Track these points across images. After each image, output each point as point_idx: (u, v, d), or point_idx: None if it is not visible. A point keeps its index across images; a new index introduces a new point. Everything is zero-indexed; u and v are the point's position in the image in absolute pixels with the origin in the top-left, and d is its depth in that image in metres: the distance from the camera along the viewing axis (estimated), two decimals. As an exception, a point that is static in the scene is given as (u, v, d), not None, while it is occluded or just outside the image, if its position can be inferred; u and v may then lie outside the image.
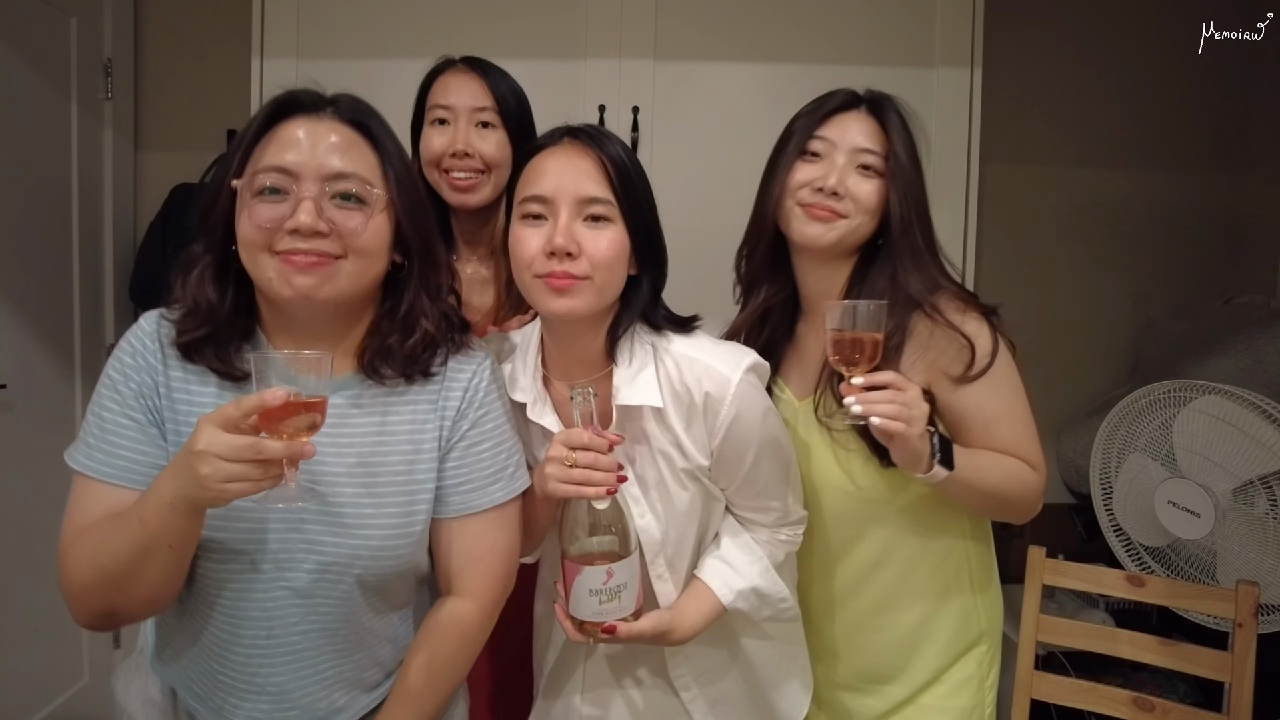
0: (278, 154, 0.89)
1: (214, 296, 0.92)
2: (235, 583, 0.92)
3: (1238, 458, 1.66)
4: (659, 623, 1.04)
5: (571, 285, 0.97)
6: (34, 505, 2.02)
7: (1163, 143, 2.54)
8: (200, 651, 0.96)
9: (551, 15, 2.07)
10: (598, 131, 1.03)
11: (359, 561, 0.94)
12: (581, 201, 0.98)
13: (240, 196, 0.90)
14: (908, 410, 1.01)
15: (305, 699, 0.96)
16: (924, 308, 1.13)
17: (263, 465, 0.78)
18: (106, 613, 0.89)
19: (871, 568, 1.23)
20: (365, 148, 0.94)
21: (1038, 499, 1.17)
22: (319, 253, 0.88)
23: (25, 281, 1.99)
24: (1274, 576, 1.62)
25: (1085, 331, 2.56)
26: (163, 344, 0.93)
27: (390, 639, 1.02)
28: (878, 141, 1.16)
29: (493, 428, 1.02)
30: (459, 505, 1.00)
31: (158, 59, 2.38)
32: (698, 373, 1.03)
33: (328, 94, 0.95)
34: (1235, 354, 2.12)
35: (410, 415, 0.98)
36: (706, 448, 1.05)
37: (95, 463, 0.90)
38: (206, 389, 0.93)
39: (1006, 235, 2.48)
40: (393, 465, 0.96)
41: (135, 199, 2.38)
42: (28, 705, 2.01)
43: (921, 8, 2.08)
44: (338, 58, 2.04)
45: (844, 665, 1.29)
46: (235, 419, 0.78)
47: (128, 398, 0.91)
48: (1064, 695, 1.56)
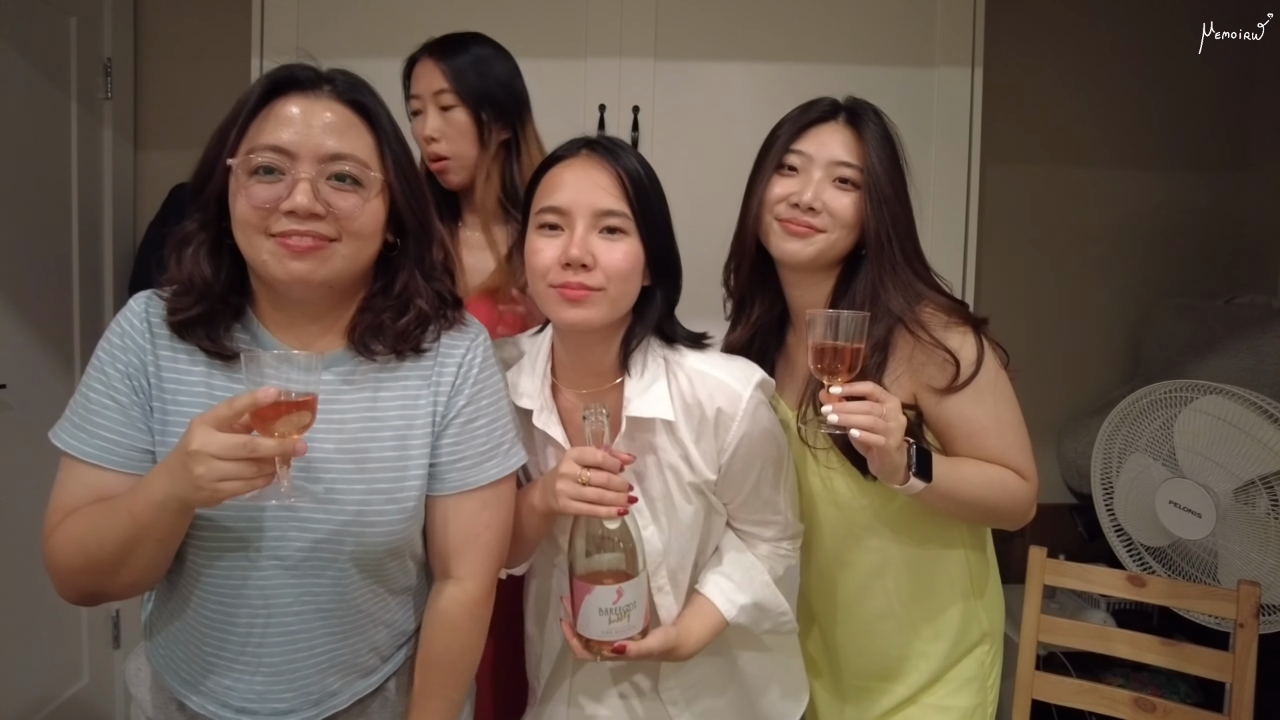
0: (274, 132, 0.88)
1: (209, 273, 0.92)
2: (225, 561, 0.92)
3: (1239, 458, 1.65)
4: (666, 640, 1.05)
5: (586, 296, 0.98)
6: (34, 505, 2.01)
7: (1163, 142, 2.54)
8: (191, 632, 0.96)
9: (552, 15, 2.07)
10: (615, 144, 1.04)
11: (349, 537, 0.93)
12: (598, 214, 0.99)
13: (235, 175, 0.89)
14: (884, 422, 1.00)
15: (299, 681, 0.96)
16: (905, 323, 1.12)
17: (256, 464, 0.79)
18: (92, 593, 0.90)
19: (870, 577, 1.23)
20: (362, 128, 0.93)
21: (1028, 508, 1.16)
22: (314, 235, 0.88)
23: (25, 281, 1.99)
24: (1275, 576, 1.62)
25: (1086, 331, 2.55)
26: (151, 324, 0.93)
27: (387, 624, 1.01)
28: (855, 154, 1.15)
29: (488, 404, 1.02)
30: (456, 482, 1.00)
31: (158, 59, 2.37)
32: (710, 387, 1.04)
33: (324, 69, 0.94)
34: (1236, 354, 2.11)
35: (401, 391, 0.98)
36: (715, 462, 1.06)
37: (78, 441, 0.90)
38: (195, 368, 0.93)
39: (1007, 235, 2.48)
40: (383, 441, 0.96)
41: (135, 199, 2.38)
42: (28, 705, 2.01)
43: (922, 7, 2.08)
44: (338, 58, 2.00)
45: (849, 671, 1.29)
46: (228, 418, 0.79)
47: (113, 379, 0.91)
48: (1065, 695, 1.56)
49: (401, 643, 1.05)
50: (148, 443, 0.91)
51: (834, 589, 1.27)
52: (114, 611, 2.31)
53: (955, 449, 1.15)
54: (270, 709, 0.95)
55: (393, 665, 1.04)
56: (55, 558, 0.89)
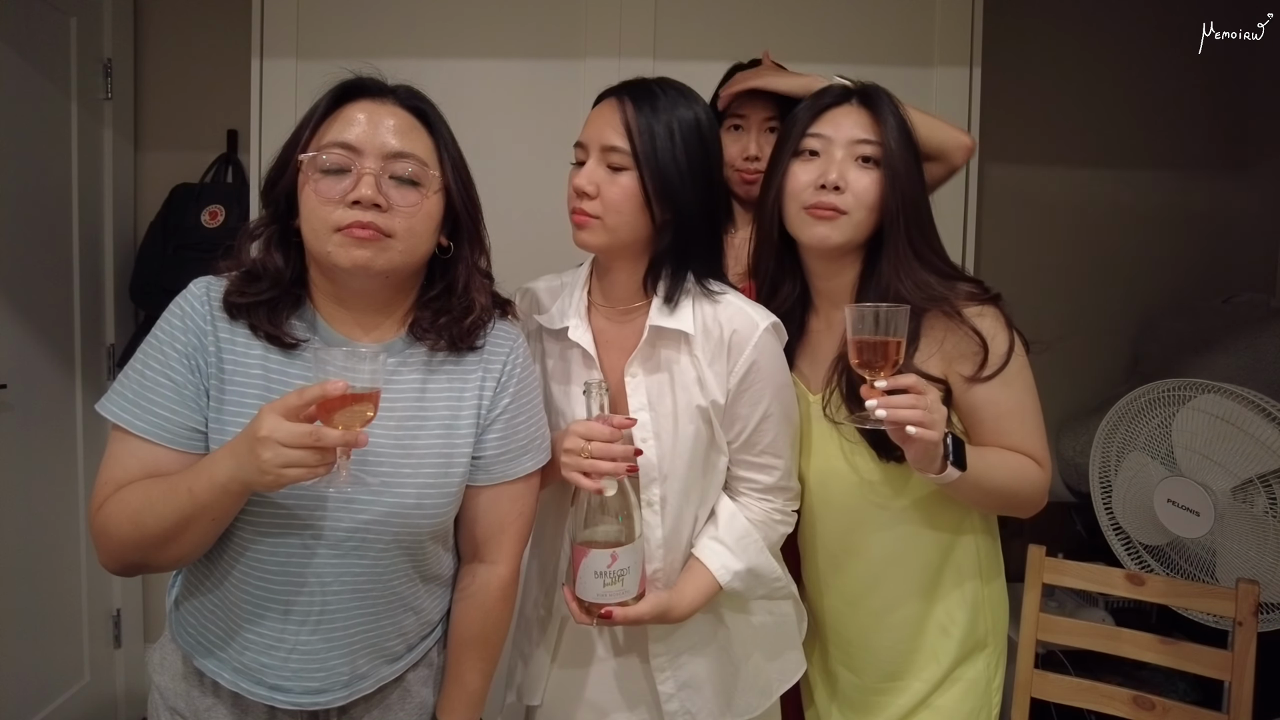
0: (342, 131, 0.96)
1: (280, 262, 0.99)
2: (272, 539, 0.95)
3: (1237, 456, 1.65)
4: (657, 603, 1.10)
5: (587, 222, 1.10)
6: (34, 505, 2.02)
7: (1162, 142, 2.54)
8: (230, 609, 0.99)
9: (551, 14, 2.07)
10: (636, 91, 1.12)
11: (397, 520, 0.98)
12: (605, 149, 1.10)
13: (304, 170, 0.96)
14: (929, 414, 1.01)
15: (333, 661, 0.99)
16: (942, 307, 1.14)
17: (320, 453, 0.83)
18: (137, 564, 0.94)
19: (883, 565, 1.24)
20: (422, 132, 1.01)
21: (1043, 495, 1.18)
22: (375, 226, 0.94)
23: (25, 281, 1.99)
24: (1273, 575, 1.62)
25: (1085, 330, 2.56)
26: (212, 307, 0.97)
27: (416, 610, 1.06)
28: (873, 132, 1.17)
29: (528, 401, 1.10)
30: (499, 474, 1.07)
31: (158, 59, 2.38)
32: (730, 313, 1.13)
33: (390, 84, 1.03)
34: (1234, 352, 2.12)
35: (448, 382, 1.04)
36: (725, 384, 1.12)
37: (131, 415, 0.94)
38: (253, 352, 0.97)
39: (1006, 234, 2.48)
40: (430, 429, 1.02)
41: (135, 199, 2.38)
42: (28, 705, 2.01)
43: (921, 7, 2.08)
44: (338, 57, 2.01)
45: (854, 672, 1.29)
46: (297, 407, 0.83)
47: (171, 359, 0.95)
48: (1064, 694, 1.56)
49: (426, 633, 1.10)
50: (200, 422, 0.95)
51: (844, 581, 1.27)
52: (115, 611, 2.31)
53: (978, 432, 1.17)
54: (304, 687, 0.99)
55: (416, 654, 1.09)
56: (107, 529, 0.92)
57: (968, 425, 1.18)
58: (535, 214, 1.95)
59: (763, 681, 1.24)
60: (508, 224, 2.08)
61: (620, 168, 1.09)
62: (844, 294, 1.22)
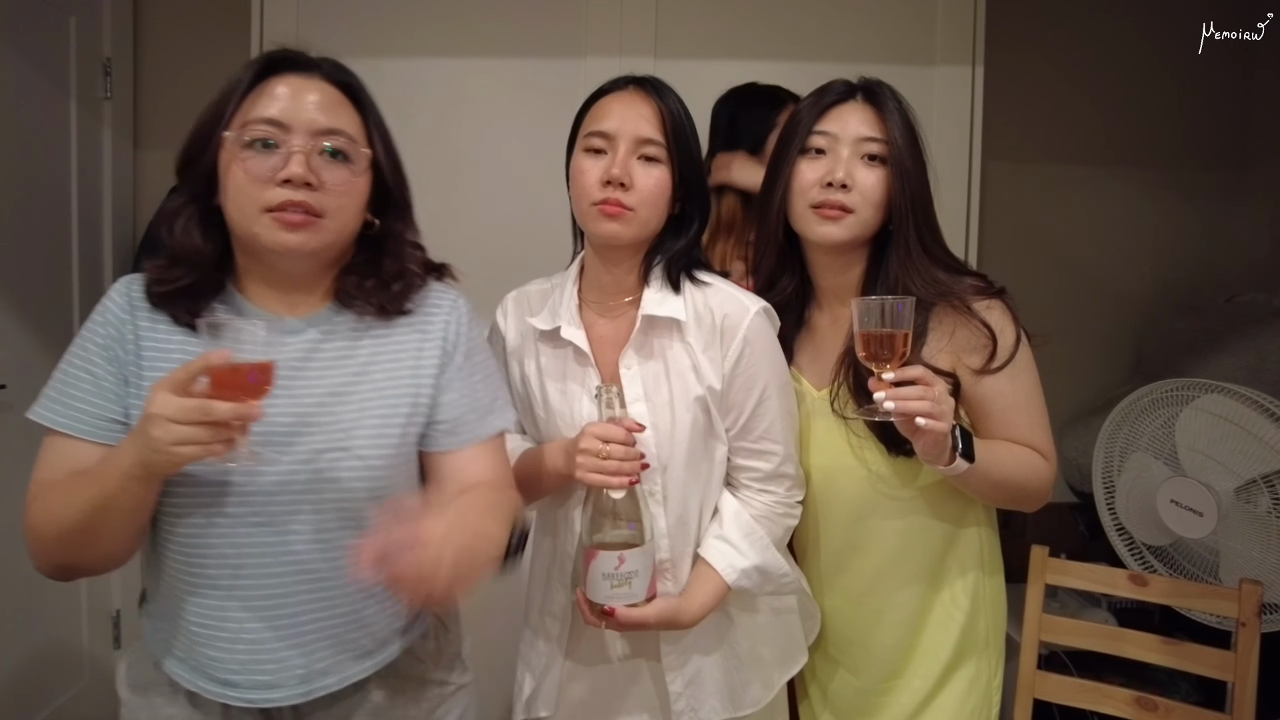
0: (268, 107, 0.93)
1: (200, 243, 0.95)
2: (189, 519, 0.92)
3: (1240, 456, 1.65)
4: (665, 609, 1.10)
5: (621, 214, 1.09)
6: (34, 505, 2.02)
7: (1164, 140, 2.54)
8: (175, 602, 0.95)
9: (551, 13, 2.07)
10: (659, 83, 1.15)
11: (315, 477, 0.93)
12: (639, 141, 1.10)
13: (228, 148, 0.92)
14: (938, 405, 1.01)
15: (282, 652, 0.94)
16: (951, 301, 1.14)
17: (212, 428, 0.79)
18: (65, 565, 0.92)
19: (887, 560, 1.24)
20: (350, 107, 0.98)
21: (1049, 489, 1.19)
22: (306, 208, 0.91)
23: (25, 281, 1.99)
24: (1277, 575, 1.62)
25: (1087, 330, 2.55)
26: (132, 299, 0.96)
27: (378, 598, 0.98)
28: (878, 129, 1.17)
29: (483, 360, 1.08)
30: (470, 435, 1.03)
31: (158, 59, 2.37)
32: (721, 299, 1.14)
33: (314, 56, 0.99)
34: (1237, 352, 2.11)
35: (378, 348, 1.01)
36: (720, 369, 1.13)
37: (52, 413, 0.93)
38: (174, 337, 0.95)
39: (1008, 233, 2.48)
40: (361, 393, 0.98)
41: (135, 199, 2.38)
42: (28, 705, 2.00)
43: (923, 6, 2.08)
44: (337, 57, 2.03)
45: (861, 666, 1.28)
46: (184, 382, 0.80)
47: (91, 353, 0.94)
48: (1067, 695, 1.55)
49: (398, 625, 1.02)
50: (119, 413, 0.93)
51: (847, 579, 1.27)
52: (114, 612, 2.31)
53: (986, 425, 1.17)
54: (253, 681, 0.93)
55: (391, 653, 1.01)
56: (33, 528, 0.91)
57: (975, 419, 1.18)
58: (535, 212, 1.95)
59: (765, 675, 1.23)
60: (507, 222, 2.09)
61: (655, 159, 1.10)
62: (850, 290, 1.21)
